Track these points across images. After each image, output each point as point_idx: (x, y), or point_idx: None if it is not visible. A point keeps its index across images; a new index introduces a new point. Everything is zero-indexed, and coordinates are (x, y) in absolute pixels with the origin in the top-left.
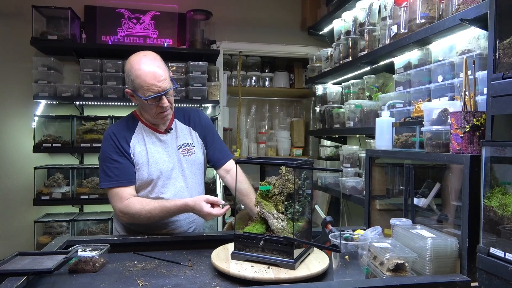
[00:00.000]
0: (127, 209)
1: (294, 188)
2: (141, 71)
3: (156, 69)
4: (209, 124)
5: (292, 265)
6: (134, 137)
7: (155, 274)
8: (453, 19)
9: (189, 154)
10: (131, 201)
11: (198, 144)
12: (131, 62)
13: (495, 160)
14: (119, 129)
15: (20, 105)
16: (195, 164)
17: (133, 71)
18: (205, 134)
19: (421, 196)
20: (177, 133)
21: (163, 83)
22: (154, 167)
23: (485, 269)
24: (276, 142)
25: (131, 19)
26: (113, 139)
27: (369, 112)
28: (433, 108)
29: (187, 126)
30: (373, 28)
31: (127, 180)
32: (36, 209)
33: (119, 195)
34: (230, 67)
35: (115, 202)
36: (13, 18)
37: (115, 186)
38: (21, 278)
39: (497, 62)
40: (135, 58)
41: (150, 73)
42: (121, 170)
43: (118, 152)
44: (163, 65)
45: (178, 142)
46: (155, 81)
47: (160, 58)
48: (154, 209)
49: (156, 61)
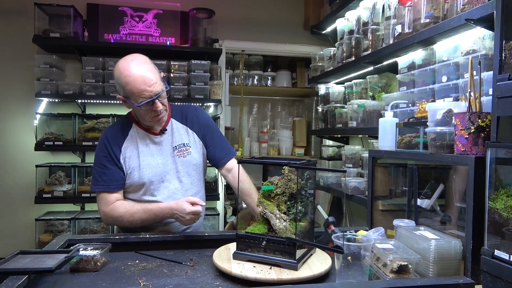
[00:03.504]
0: (111, 213)
1: (297, 188)
2: (130, 77)
3: (145, 73)
4: (207, 122)
5: (295, 266)
6: (127, 141)
7: (157, 273)
8: (458, 19)
9: (184, 155)
10: (115, 204)
11: (195, 144)
12: (119, 69)
13: (500, 161)
14: (113, 133)
15: (22, 103)
16: (190, 165)
17: (122, 77)
18: (204, 133)
19: (424, 197)
20: (173, 133)
21: (154, 87)
22: (146, 170)
23: (489, 271)
24: (278, 142)
25: (134, 17)
26: (106, 145)
27: (372, 112)
28: (437, 109)
29: (184, 125)
30: (376, 27)
31: (113, 185)
32: (37, 207)
33: (105, 199)
34: (233, 66)
35: (101, 206)
36: (15, 16)
37: (102, 190)
38: (22, 277)
39: (503, 63)
40: (123, 64)
41: (140, 78)
42: (109, 176)
43: (109, 158)
44: (152, 68)
45: (174, 143)
46: (146, 86)
47: (149, 61)
48: (137, 211)
49: (145, 65)
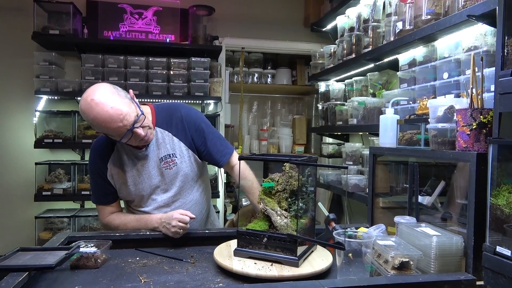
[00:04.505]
0: (108, 224)
1: (298, 185)
2: (96, 120)
3: (111, 111)
4: (195, 126)
5: (296, 263)
6: (113, 157)
7: (157, 270)
8: (460, 15)
9: (170, 167)
10: (111, 217)
11: (182, 154)
12: (83, 111)
13: (502, 158)
14: (100, 149)
15: (21, 100)
16: (178, 176)
17: (89, 120)
18: (193, 140)
19: (425, 194)
20: (158, 144)
21: (126, 119)
22: (133, 187)
23: (491, 267)
24: (277, 139)
25: (133, 14)
26: (95, 160)
27: (373, 109)
28: (438, 105)
29: (168, 132)
30: (377, 24)
31: (106, 200)
32: (37, 204)
33: (101, 212)
34: (232, 63)
35: (99, 216)
36: (14, 13)
37: (97, 203)
38: (23, 274)
39: (505, 59)
40: (85, 106)
41: (107, 118)
42: (100, 191)
43: (98, 173)
44: (117, 97)
45: (160, 154)
46: (117, 123)
47: (111, 89)
48: (130, 221)
49: (107, 101)
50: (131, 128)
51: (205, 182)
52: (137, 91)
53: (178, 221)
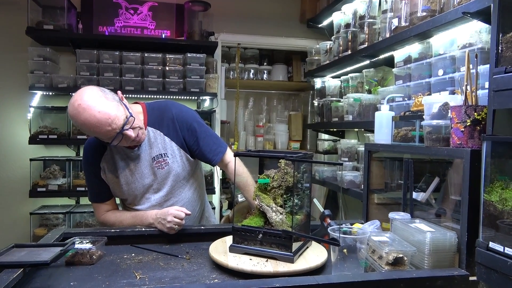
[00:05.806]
0: (104, 222)
1: (293, 181)
2: (85, 126)
3: (98, 115)
4: (187, 125)
5: (291, 259)
6: (105, 157)
7: (153, 266)
8: (455, 12)
9: (162, 166)
10: (107, 215)
11: (173, 153)
12: (71, 116)
13: (496, 154)
14: (92, 146)
15: (15, 96)
16: (170, 176)
17: (78, 126)
18: (184, 139)
19: (419, 190)
20: (151, 143)
21: (115, 123)
22: (125, 187)
23: (484, 263)
24: (273, 136)
25: (129, 10)
26: (88, 159)
27: (368, 106)
28: (433, 102)
29: (160, 132)
30: (373, 21)
31: (100, 198)
32: (32, 201)
33: (97, 209)
34: (228, 59)
35: (95, 213)
36: (8, 7)
37: (93, 201)
38: (18, 270)
39: (499, 56)
40: (73, 112)
41: (96, 123)
42: (95, 189)
43: (92, 172)
44: (104, 101)
45: (152, 153)
46: (105, 128)
47: (98, 92)
48: (126, 219)
49: (94, 105)
50: (121, 131)
51: (199, 180)
52: (132, 87)
53: (173, 217)
